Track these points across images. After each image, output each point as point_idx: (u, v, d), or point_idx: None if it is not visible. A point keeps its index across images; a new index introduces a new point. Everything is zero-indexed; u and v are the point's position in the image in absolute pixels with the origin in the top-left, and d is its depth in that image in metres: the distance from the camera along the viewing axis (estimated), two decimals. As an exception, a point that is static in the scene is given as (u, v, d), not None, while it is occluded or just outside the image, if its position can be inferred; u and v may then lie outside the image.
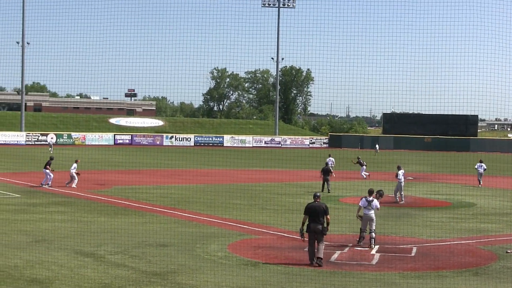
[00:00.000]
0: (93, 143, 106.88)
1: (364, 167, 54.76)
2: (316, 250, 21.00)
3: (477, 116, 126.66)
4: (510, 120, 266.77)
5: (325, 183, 43.33)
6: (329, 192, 42.25)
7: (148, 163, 64.62)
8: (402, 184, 38.91)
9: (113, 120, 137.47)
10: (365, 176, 53.48)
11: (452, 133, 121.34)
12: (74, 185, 42.64)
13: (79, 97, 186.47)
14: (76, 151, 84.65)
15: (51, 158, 43.88)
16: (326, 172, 43.62)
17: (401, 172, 39.15)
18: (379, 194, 25.78)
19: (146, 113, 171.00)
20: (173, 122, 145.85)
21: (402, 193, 38.75)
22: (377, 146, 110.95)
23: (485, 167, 52.22)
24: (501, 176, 57.88)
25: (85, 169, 55.23)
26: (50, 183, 42.60)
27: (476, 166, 52.37)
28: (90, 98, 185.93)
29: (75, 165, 43.53)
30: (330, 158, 61.44)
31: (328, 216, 21.53)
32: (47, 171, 42.75)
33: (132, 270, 19.79)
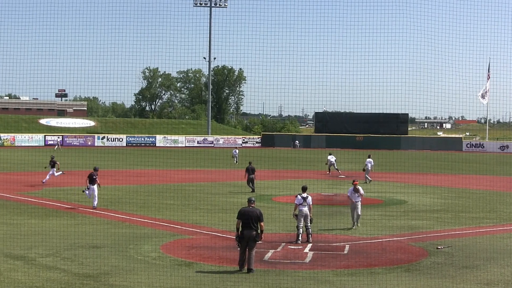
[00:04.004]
0: (23, 144, 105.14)
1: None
2: (246, 259, 20.23)
3: (407, 114, 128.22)
4: (440, 118, 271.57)
5: (250, 182, 43.21)
6: (253, 191, 42.05)
7: (80, 164, 63.84)
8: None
9: (43, 121, 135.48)
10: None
11: (383, 131, 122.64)
12: None
13: (8, 97, 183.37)
14: (6, 152, 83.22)
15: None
16: (252, 170, 43.32)
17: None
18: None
19: (77, 114, 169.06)
20: (105, 123, 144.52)
21: None
22: (297, 142, 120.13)
23: (372, 163, 52.80)
24: (431, 174, 58.79)
25: (15, 171, 54.42)
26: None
27: (366, 162, 52.12)
28: (19, 98, 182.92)
29: None
30: (236, 150, 74.33)
31: (262, 223, 20.53)
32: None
33: (64, 273, 19.53)
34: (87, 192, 34.60)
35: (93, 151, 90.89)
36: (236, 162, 71.63)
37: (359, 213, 28.99)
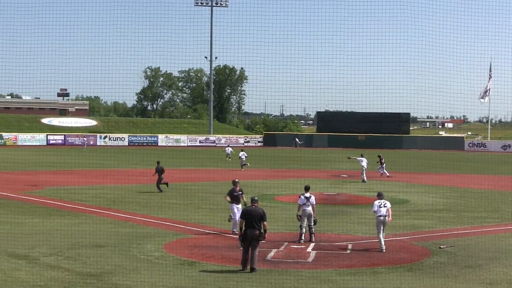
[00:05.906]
0: (25, 144, 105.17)
1: None
2: (249, 258, 20.24)
3: (409, 114, 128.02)
4: (441, 118, 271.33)
5: (159, 183, 42.25)
6: (161, 191, 41.62)
7: (82, 163, 63.86)
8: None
9: (45, 120, 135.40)
10: None
11: (385, 131, 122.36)
12: None
13: (10, 97, 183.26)
14: (8, 151, 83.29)
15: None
16: (161, 171, 42.39)
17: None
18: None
19: (79, 113, 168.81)
20: (107, 122, 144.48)
21: None
22: (297, 139, 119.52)
23: (367, 161, 52.35)
24: (433, 173, 58.78)
25: (17, 170, 54.43)
26: None
27: (360, 161, 52.23)
28: (21, 98, 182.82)
29: None
30: (228, 148, 78.72)
31: (266, 223, 20.57)
32: None
33: (66, 272, 19.53)
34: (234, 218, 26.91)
35: (95, 150, 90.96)
36: (229, 158, 74.59)
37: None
